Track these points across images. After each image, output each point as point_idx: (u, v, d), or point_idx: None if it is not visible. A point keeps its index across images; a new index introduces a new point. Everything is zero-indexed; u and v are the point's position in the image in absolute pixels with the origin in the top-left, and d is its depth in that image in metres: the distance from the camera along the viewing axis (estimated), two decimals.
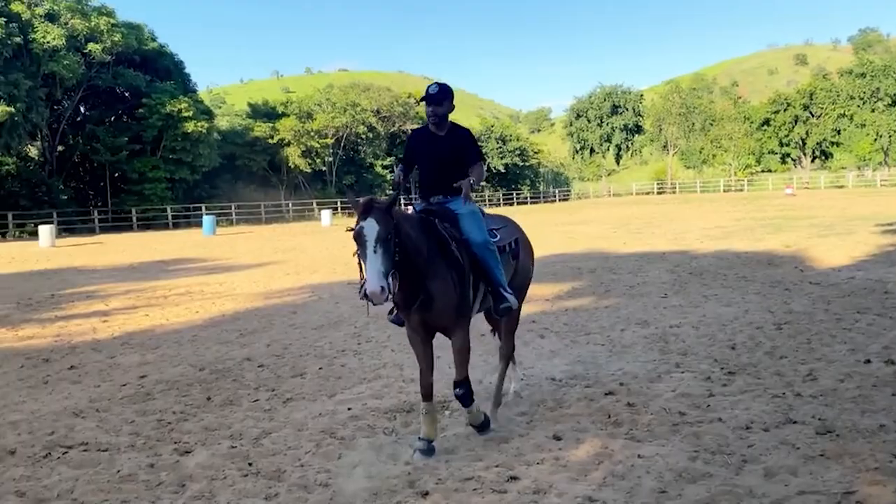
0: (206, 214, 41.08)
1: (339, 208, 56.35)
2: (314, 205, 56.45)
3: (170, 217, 47.81)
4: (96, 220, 45.12)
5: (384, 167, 66.43)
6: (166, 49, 53.28)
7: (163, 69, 51.37)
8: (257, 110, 62.73)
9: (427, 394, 4.91)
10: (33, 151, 48.09)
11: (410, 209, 5.41)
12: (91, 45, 44.16)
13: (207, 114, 51.82)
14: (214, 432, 5.49)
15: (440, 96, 5.06)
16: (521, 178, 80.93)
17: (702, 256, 15.99)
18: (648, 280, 12.76)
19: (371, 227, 4.23)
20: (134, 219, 46.21)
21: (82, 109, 49.68)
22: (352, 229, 4.33)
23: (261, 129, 58.49)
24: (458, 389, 4.89)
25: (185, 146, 48.75)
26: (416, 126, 65.69)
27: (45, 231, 30.54)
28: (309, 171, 60.67)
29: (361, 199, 4.41)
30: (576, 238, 23.48)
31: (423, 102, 5.10)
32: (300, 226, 44.77)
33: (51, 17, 43.03)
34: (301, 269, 17.44)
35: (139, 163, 47.84)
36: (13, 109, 39.37)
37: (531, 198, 78.70)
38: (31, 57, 42.01)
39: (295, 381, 6.95)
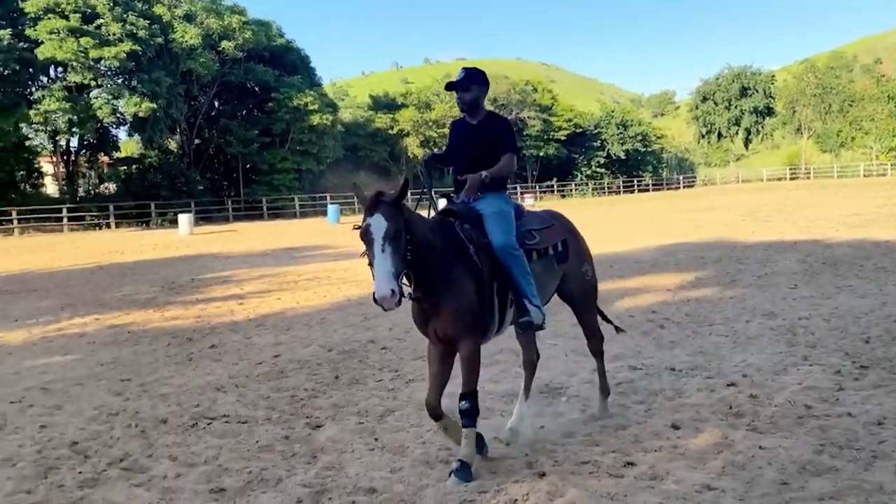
0: (331, 204, 42.62)
1: None
2: (432, 194, 57.32)
3: (297, 206, 49.92)
4: (230, 209, 47.76)
5: None
6: (293, 45, 55.46)
7: (290, 64, 53.50)
8: (378, 102, 64.31)
9: (435, 416, 4.52)
10: (173, 145, 51.34)
11: (443, 202, 4.98)
12: (224, 43, 46.61)
13: (332, 107, 53.60)
14: (342, 409, 5.83)
15: (466, 81, 4.71)
16: (642, 164, 78.74)
17: (836, 245, 15.15)
18: (777, 270, 12.26)
19: (378, 224, 3.89)
20: (264, 208, 48.56)
21: (216, 104, 52.54)
22: (358, 227, 4.00)
23: (381, 120, 59.95)
24: (463, 402, 4.35)
25: (311, 138, 50.71)
26: (529, 116, 65.55)
27: (184, 219, 32.68)
28: None
29: (368, 194, 4.05)
30: (700, 226, 22.76)
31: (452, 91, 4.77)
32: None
33: (188, 18, 45.77)
34: None
35: (269, 154, 50.19)
36: (155, 106, 42.23)
37: (653, 184, 76.48)
38: (170, 56, 44.87)
39: (416, 364, 7.22)
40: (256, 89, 52.33)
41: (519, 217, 4.79)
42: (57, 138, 44.63)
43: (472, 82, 4.73)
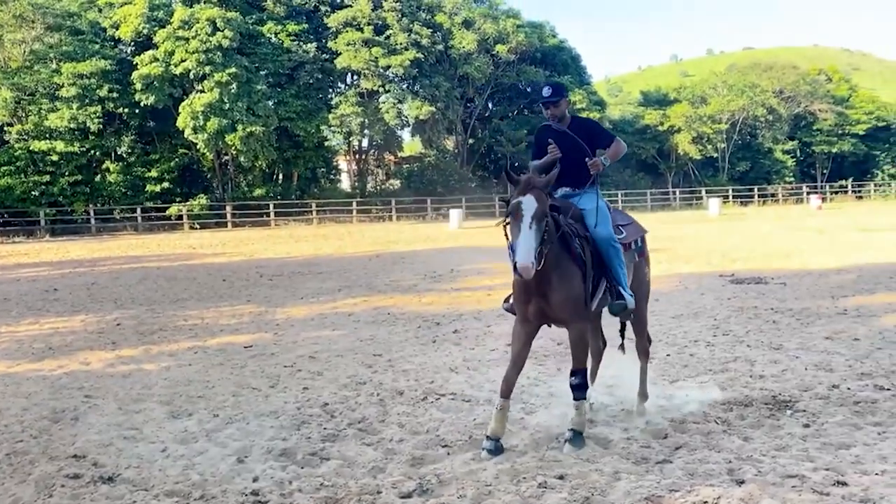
0: None
1: (731, 196, 53.86)
2: (703, 193, 54.74)
3: None
4: (497, 206, 49.78)
5: (785, 152, 61.39)
6: (565, 44, 56.22)
7: (560, 64, 54.25)
8: (648, 97, 62.75)
9: (506, 391, 4.95)
10: (449, 144, 54.70)
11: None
12: (499, 47, 48.61)
13: (600, 105, 53.50)
14: (556, 398, 6.09)
15: (555, 97, 5.26)
16: None
17: None
18: None
19: (529, 204, 4.48)
20: None
21: (489, 105, 54.94)
22: (505, 200, 4.68)
23: (651, 116, 58.44)
24: (573, 378, 4.91)
25: None
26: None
27: (455, 215, 34.89)
28: (699, 157, 58.82)
29: (522, 177, 4.66)
30: None
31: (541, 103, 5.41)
32: (686, 214, 43.90)
33: (467, 24, 48.46)
34: (675, 258, 17.38)
35: None
36: (434, 109, 45.48)
37: None
38: (449, 61, 47.92)
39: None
40: (527, 90, 53.81)
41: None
42: (350, 139, 49.96)
43: (561, 97, 5.32)
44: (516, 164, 51.82)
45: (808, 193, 55.09)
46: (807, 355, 7.32)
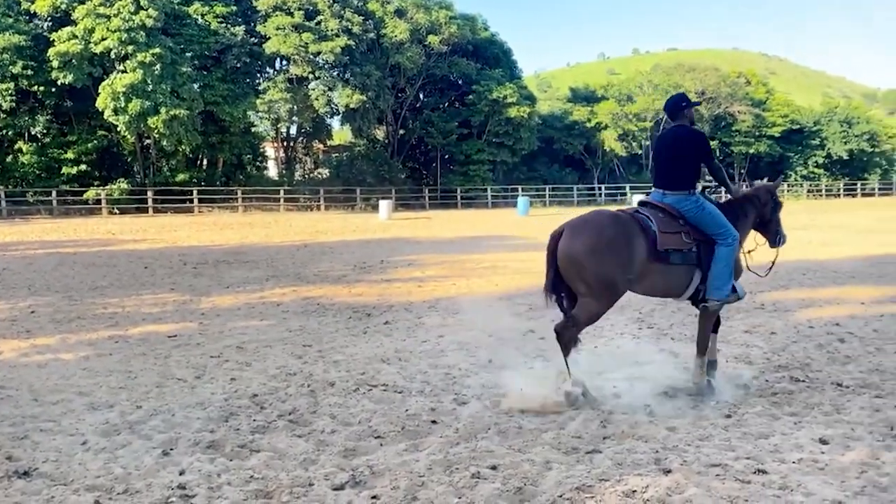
0: (522, 196, 43.15)
1: None
2: (627, 189, 56.09)
3: (489, 197, 51.02)
4: (426, 198, 49.85)
5: None
6: (497, 38, 56.52)
7: (492, 57, 54.55)
8: (577, 94, 63.83)
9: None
10: (379, 134, 54.35)
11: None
12: (431, 38, 48.48)
13: (530, 99, 54.00)
14: (489, 389, 6.14)
15: None
16: (868, 165, 71.37)
17: None
18: None
19: None
20: (458, 197, 50.15)
21: (421, 96, 54.81)
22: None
23: (579, 112, 59.46)
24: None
25: (508, 130, 51.49)
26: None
27: (384, 205, 34.68)
28: (625, 154, 60.32)
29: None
30: None
31: (691, 107, 6.19)
32: (612, 209, 44.88)
33: (399, 13, 48.16)
34: None
35: (466, 146, 51.71)
36: (365, 98, 45.05)
37: (881, 189, 69.23)
38: (381, 50, 47.54)
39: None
40: (459, 82, 53.95)
41: None
42: (279, 126, 49.02)
43: None
44: (447, 156, 52.05)
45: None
46: (727, 348, 7.59)
